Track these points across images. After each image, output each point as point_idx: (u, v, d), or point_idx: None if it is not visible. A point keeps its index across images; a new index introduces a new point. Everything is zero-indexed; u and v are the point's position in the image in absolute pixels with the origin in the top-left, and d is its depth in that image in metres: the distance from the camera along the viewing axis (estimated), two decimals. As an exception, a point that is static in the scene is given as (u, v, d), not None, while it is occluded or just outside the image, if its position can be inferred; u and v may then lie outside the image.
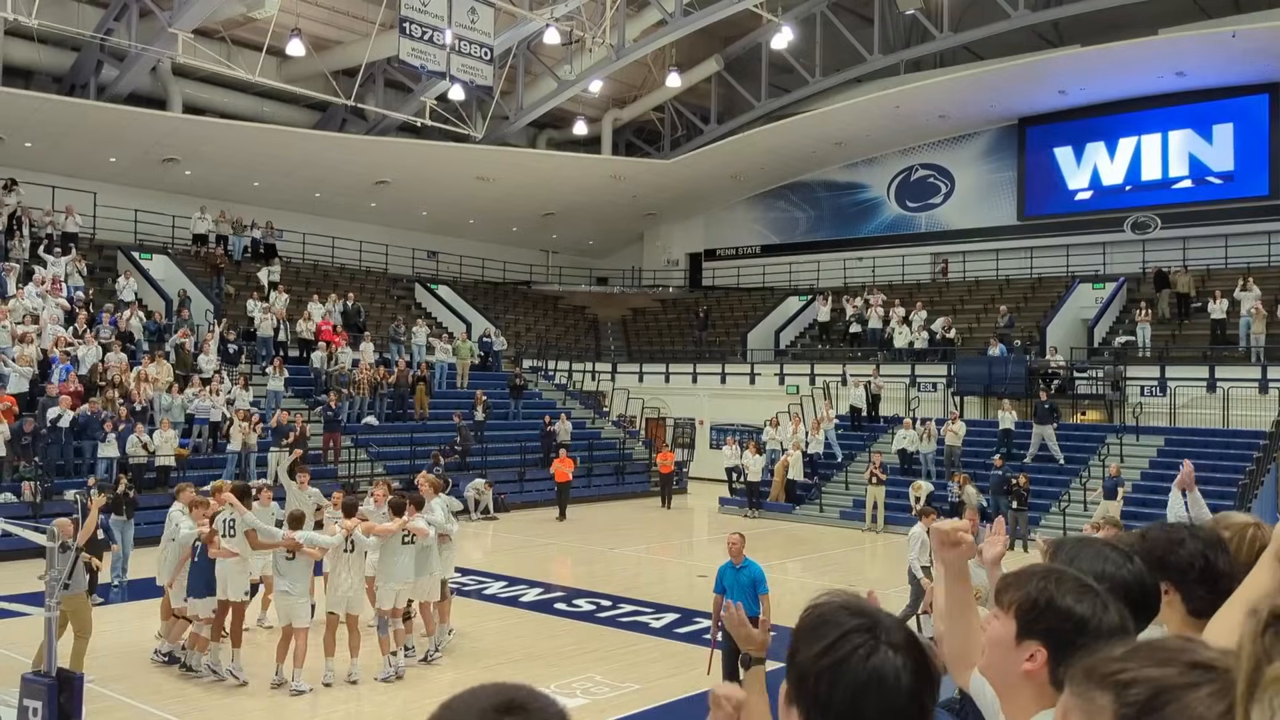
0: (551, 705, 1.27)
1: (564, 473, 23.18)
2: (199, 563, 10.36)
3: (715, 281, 39.20)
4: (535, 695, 1.27)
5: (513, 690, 1.27)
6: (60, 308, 22.42)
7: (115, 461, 18.50)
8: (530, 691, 1.28)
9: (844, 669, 1.48)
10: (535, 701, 1.26)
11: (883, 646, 1.49)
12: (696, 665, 11.27)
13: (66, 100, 25.14)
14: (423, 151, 30.36)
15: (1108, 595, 1.83)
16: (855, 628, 1.51)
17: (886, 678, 1.47)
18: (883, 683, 1.47)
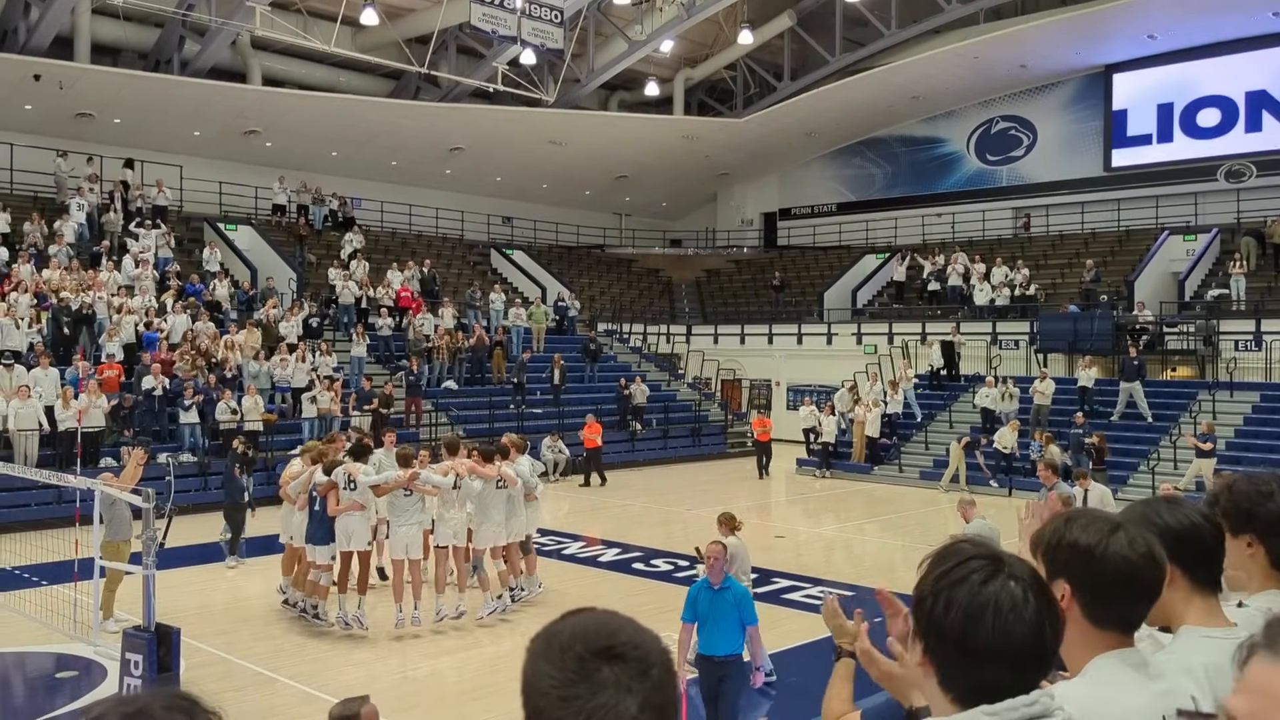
0: (653, 653, 1.23)
1: (592, 439, 23.04)
2: (318, 511, 10.71)
3: (790, 241, 38.78)
4: (638, 641, 1.23)
5: (615, 633, 1.23)
6: (152, 279, 23.17)
7: (198, 428, 19.14)
8: (634, 635, 1.23)
9: (958, 591, 1.50)
10: (637, 649, 1.22)
11: (1003, 576, 1.50)
12: (773, 625, 11.30)
13: (152, 76, 25.80)
14: (495, 117, 30.50)
15: (1127, 526, 1.84)
16: (977, 556, 1.54)
17: (1002, 605, 1.48)
18: (998, 609, 1.48)
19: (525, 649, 1.26)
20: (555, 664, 1.20)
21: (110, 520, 10.02)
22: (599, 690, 1.17)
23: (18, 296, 20.10)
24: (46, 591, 9.89)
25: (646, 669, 1.20)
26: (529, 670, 1.22)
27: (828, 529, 18.75)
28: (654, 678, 1.20)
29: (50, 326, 20.12)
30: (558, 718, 1.17)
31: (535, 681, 1.21)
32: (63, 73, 23.98)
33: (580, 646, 1.21)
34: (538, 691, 1.20)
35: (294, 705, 8.82)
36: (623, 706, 1.17)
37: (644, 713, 1.17)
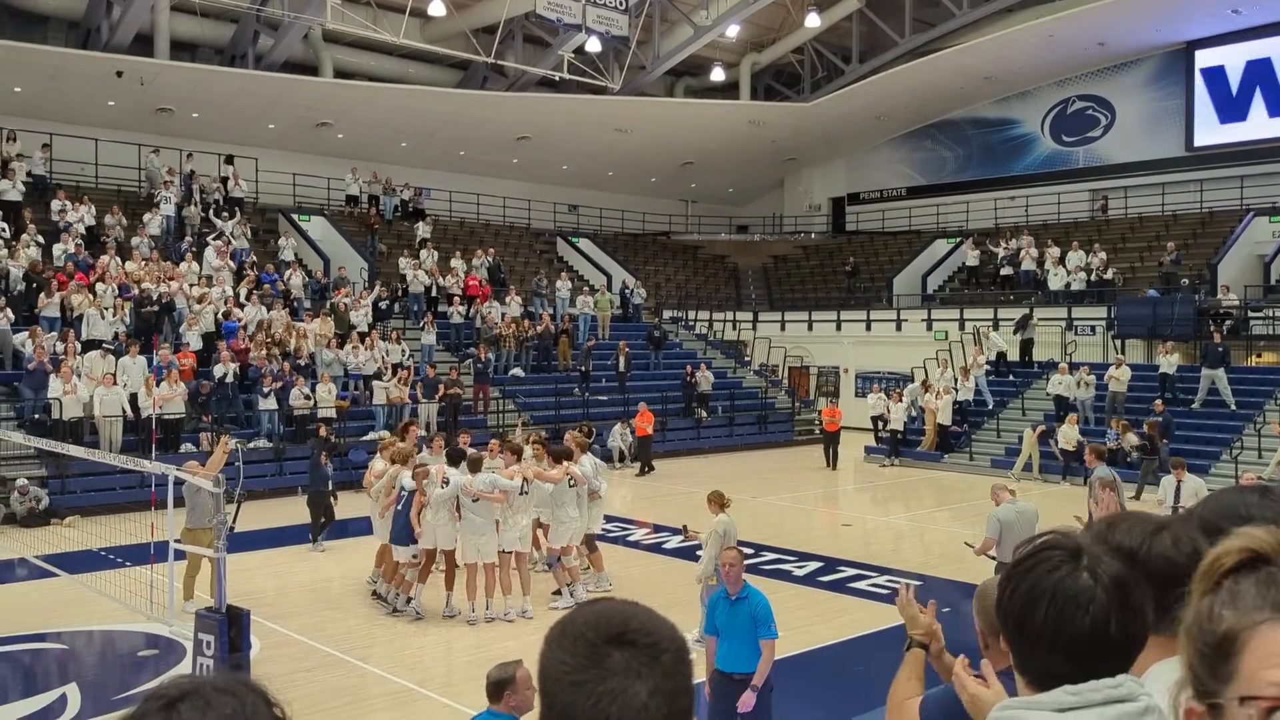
0: (664, 640, 1.22)
1: (643, 427, 22.93)
2: (403, 511, 10.89)
3: (859, 226, 38.30)
4: (650, 627, 1.23)
5: (628, 620, 1.23)
6: (229, 269, 23.75)
7: (275, 414, 19.60)
8: (646, 622, 1.23)
9: (1027, 578, 1.51)
10: (648, 635, 1.22)
11: (1081, 570, 1.49)
12: (839, 613, 11.22)
13: (227, 71, 26.42)
14: (561, 105, 30.61)
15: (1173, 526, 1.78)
16: (1055, 546, 1.53)
17: (1068, 595, 1.47)
18: (1062, 598, 1.47)
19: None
20: (567, 650, 1.21)
21: (193, 507, 10.34)
22: (608, 675, 1.18)
23: (103, 287, 20.77)
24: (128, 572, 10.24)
25: (657, 655, 1.20)
26: (543, 657, 1.24)
27: (896, 517, 18.52)
28: (665, 664, 1.20)
29: (132, 316, 20.75)
30: (568, 703, 1.18)
31: (548, 668, 1.22)
32: (143, 69, 24.67)
33: (592, 633, 1.21)
34: (550, 677, 1.21)
35: (363, 687, 9.00)
36: (632, 691, 1.17)
37: (654, 698, 1.17)
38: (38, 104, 24.93)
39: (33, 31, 25.09)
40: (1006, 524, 9.49)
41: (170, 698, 1.15)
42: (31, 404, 17.78)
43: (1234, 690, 1.08)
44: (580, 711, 1.17)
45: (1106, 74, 31.51)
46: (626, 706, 1.16)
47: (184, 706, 1.14)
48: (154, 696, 1.16)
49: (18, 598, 12.01)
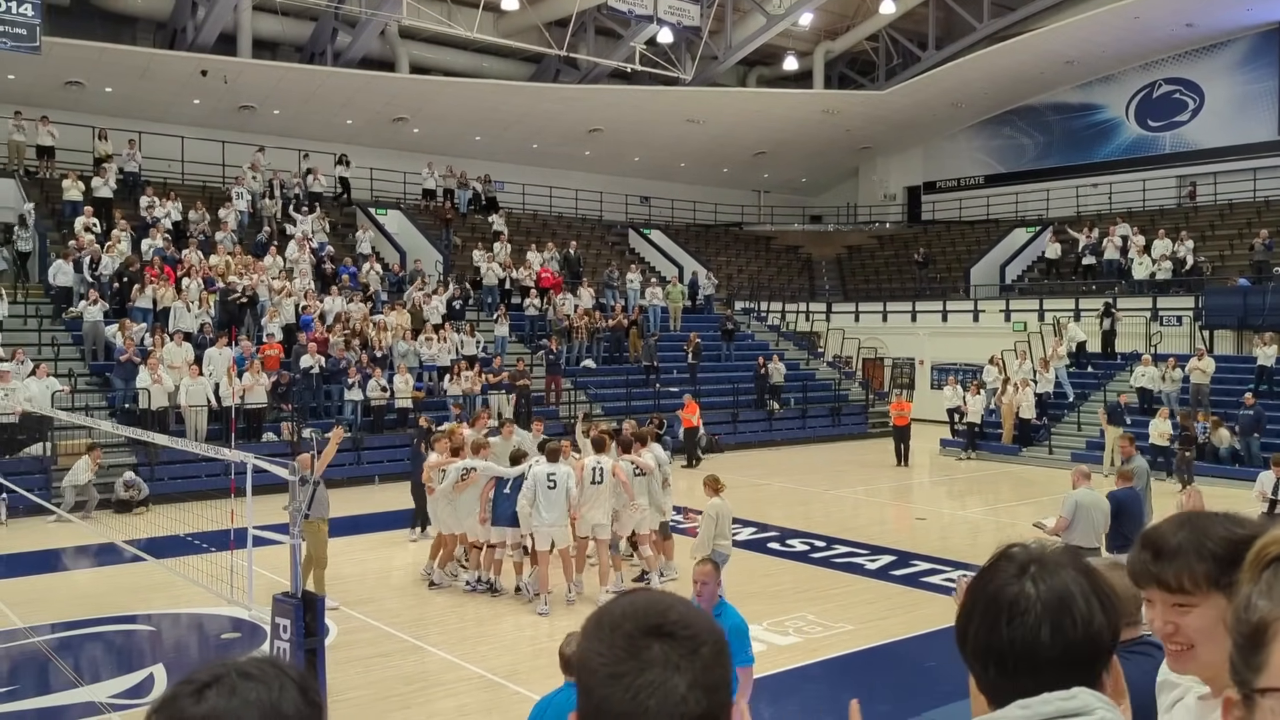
0: (703, 632, 1.21)
1: (688, 419, 22.61)
2: (508, 495, 11.11)
3: (935, 215, 37.65)
4: (688, 620, 1.21)
5: (665, 611, 1.21)
6: (309, 262, 24.29)
7: (359, 404, 20.01)
8: (684, 614, 1.22)
9: (977, 587, 1.47)
10: (687, 628, 1.20)
11: (1024, 580, 1.42)
12: (912, 607, 11.07)
13: (307, 68, 26.99)
14: (633, 97, 30.63)
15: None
16: (1009, 557, 1.47)
17: (1000, 605, 1.42)
18: (995, 608, 1.42)
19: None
20: (605, 641, 1.20)
21: (315, 501, 10.61)
22: (646, 668, 1.16)
23: (188, 281, 21.40)
24: (211, 558, 10.55)
25: (696, 648, 1.18)
26: (581, 648, 1.22)
27: (973, 511, 18.19)
28: (704, 656, 1.18)
29: (217, 309, 21.35)
30: (605, 695, 1.17)
31: (585, 659, 1.21)
32: (226, 67, 25.33)
33: (630, 624, 1.20)
34: (587, 669, 1.20)
35: (438, 673, 9.14)
36: (670, 685, 1.15)
37: (692, 691, 1.16)
38: (127, 103, 25.78)
39: (122, 33, 25.95)
40: (1083, 507, 9.37)
41: (200, 683, 1.18)
42: (122, 394, 18.41)
43: (1263, 681, 1.06)
44: (618, 703, 1.15)
45: (1194, 56, 30.44)
46: (665, 699, 1.15)
47: (211, 692, 1.16)
48: (185, 681, 1.19)
49: (110, 580, 12.47)
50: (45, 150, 24.35)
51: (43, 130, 24.16)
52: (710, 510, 9.98)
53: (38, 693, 8.62)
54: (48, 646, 9.82)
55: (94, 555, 13.30)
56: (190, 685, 1.18)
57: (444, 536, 11.85)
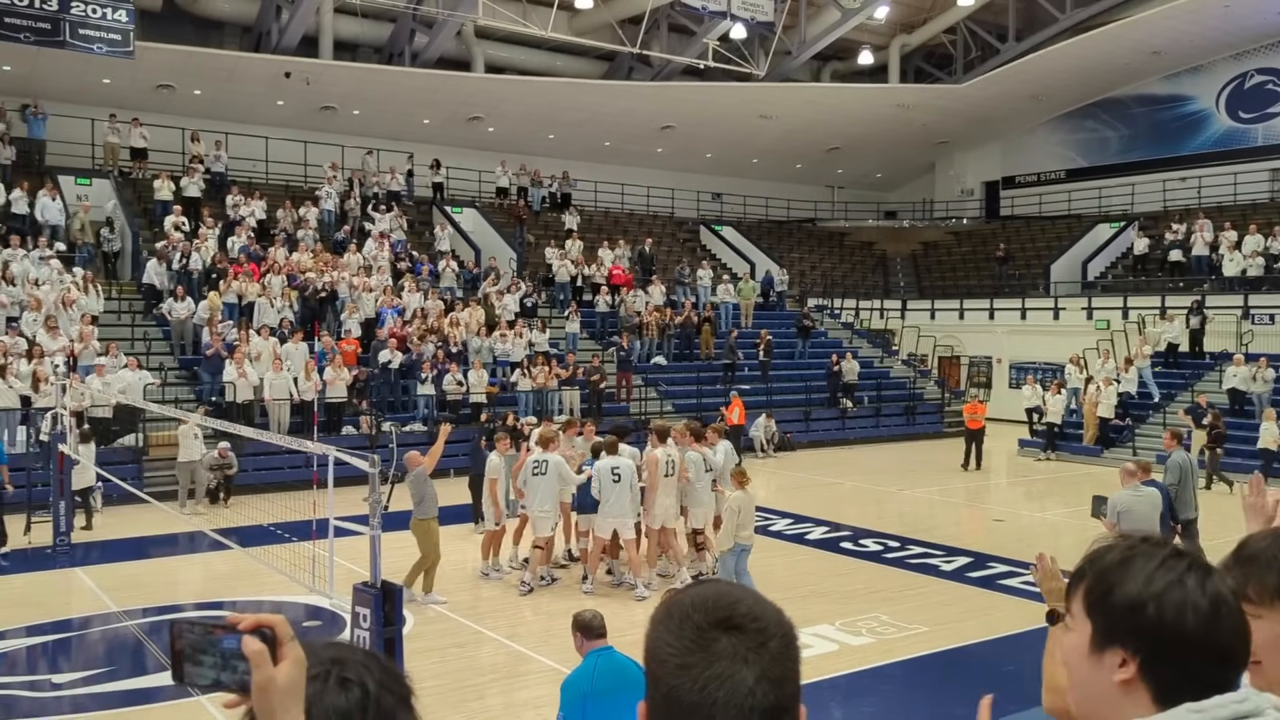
0: (771, 625, 1.21)
1: (731, 417, 22.19)
2: (587, 485, 11.38)
3: (1015, 210, 36.88)
4: (757, 612, 1.22)
5: (734, 604, 1.22)
6: (387, 260, 24.76)
7: (432, 399, 20.34)
8: (753, 607, 1.22)
9: (1171, 595, 1.34)
10: (756, 621, 1.20)
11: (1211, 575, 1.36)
12: (989, 610, 10.89)
13: (386, 69, 27.50)
14: (706, 93, 30.57)
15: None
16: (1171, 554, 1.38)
17: (1214, 598, 1.34)
18: (1209, 601, 1.33)
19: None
20: (674, 632, 1.20)
21: (423, 498, 10.87)
22: (715, 660, 1.17)
23: (271, 277, 21.98)
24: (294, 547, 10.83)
25: (765, 640, 1.19)
26: (649, 638, 1.23)
27: (1054, 513, 17.80)
28: (772, 649, 1.19)
29: (299, 305, 21.88)
30: (674, 685, 1.18)
31: (654, 649, 1.22)
32: (309, 69, 25.93)
33: (699, 616, 1.21)
34: (656, 659, 1.21)
35: (508, 664, 9.28)
36: (739, 677, 1.16)
37: (760, 684, 1.16)
38: (214, 105, 26.55)
39: (210, 37, 26.72)
40: (1125, 507, 9.38)
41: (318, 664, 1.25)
42: (209, 387, 18.97)
43: None
44: (686, 694, 1.16)
45: (1291, 44, 29.34)
46: (733, 692, 1.15)
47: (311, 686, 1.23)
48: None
49: (199, 568, 12.90)
50: (138, 152, 25.20)
51: (135, 132, 25.01)
52: (733, 503, 10.17)
53: (132, 674, 8.95)
54: (140, 630, 10.19)
55: (183, 543, 13.75)
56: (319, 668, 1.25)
57: (492, 532, 12.19)
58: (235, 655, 1.17)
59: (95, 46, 21.48)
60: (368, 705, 1.25)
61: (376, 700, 1.25)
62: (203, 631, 1.19)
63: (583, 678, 5.12)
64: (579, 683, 5.10)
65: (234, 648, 1.18)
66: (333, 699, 1.24)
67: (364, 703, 1.25)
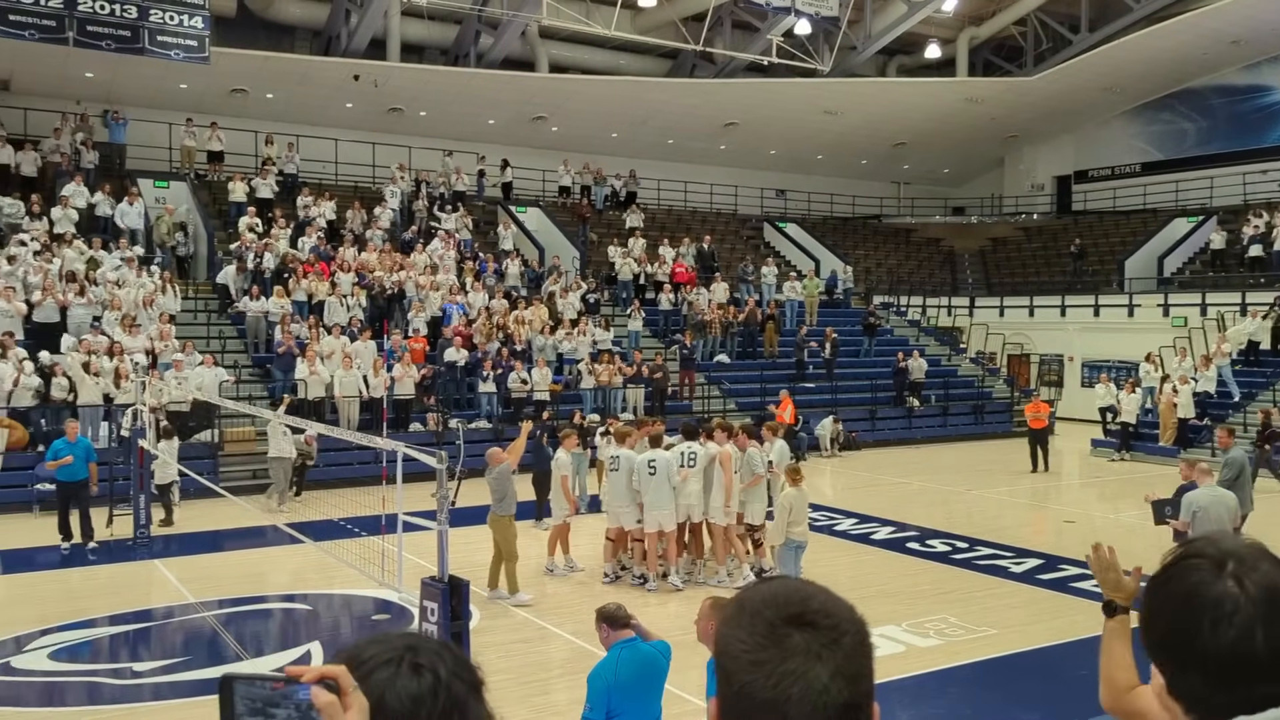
0: (844, 621, 1.21)
1: (782, 415, 21.86)
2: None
3: (1087, 205, 36.05)
4: (829, 609, 1.21)
5: (806, 600, 1.22)
6: (454, 259, 25.07)
7: (495, 397, 20.55)
8: (825, 603, 1.22)
9: (1167, 588, 1.37)
10: (828, 617, 1.20)
11: (1225, 578, 1.33)
12: (1060, 613, 10.68)
13: (452, 70, 27.84)
14: (770, 90, 30.41)
15: None
16: (1201, 554, 1.37)
17: (1203, 604, 1.31)
18: (1197, 608, 1.31)
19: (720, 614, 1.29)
20: (745, 629, 1.20)
21: (505, 495, 11.03)
22: (789, 656, 1.17)
23: (341, 276, 22.40)
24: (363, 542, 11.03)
25: (838, 637, 1.19)
26: (721, 634, 1.24)
27: (1128, 515, 17.36)
28: (846, 646, 1.19)
29: (367, 303, 22.27)
30: (746, 682, 1.18)
31: (726, 645, 1.22)
32: (377, 71, 26.37)
33: (770, 612, 1.21)
34: (728, 655, 1.21)
35: (572, 660, 9.33)
36: (813, 674, 1.16)
37: (835, 680, 1.16)
38: (286, 108, 27.13)
39: (282, 41, 27.32)
40: (1201, 507, 9.20)
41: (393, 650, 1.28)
42: (281, 384, 19.41)
43: None
44: (760, 690, 1.16)
45: (1381, 30, 28.24)
46: (808, 688, 1.15)
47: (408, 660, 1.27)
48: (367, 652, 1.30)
49: (272, 561, 13.21)
50: (214, 155, 25.87)
51: (211, 136, 25.67)
52: (784, 500, 10.31)
53: (208, 664, 9.21)
54: (216, 621, 10.47)
55: (257, 536, 14.09)
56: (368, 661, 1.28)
57: (560, 528, 12.34)
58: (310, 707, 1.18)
59: (173, 53, 22.09)
60: (439, 691, 1.27)
61: (448, 687, 1.27)
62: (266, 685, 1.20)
63: (608, 669, 5.17)
64: (604, 674, 5.15)
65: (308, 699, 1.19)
66: (405, 684, 1.26)
67: (435, 688, 1.27)
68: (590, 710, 5.08)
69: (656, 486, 11.17)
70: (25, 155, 22.88)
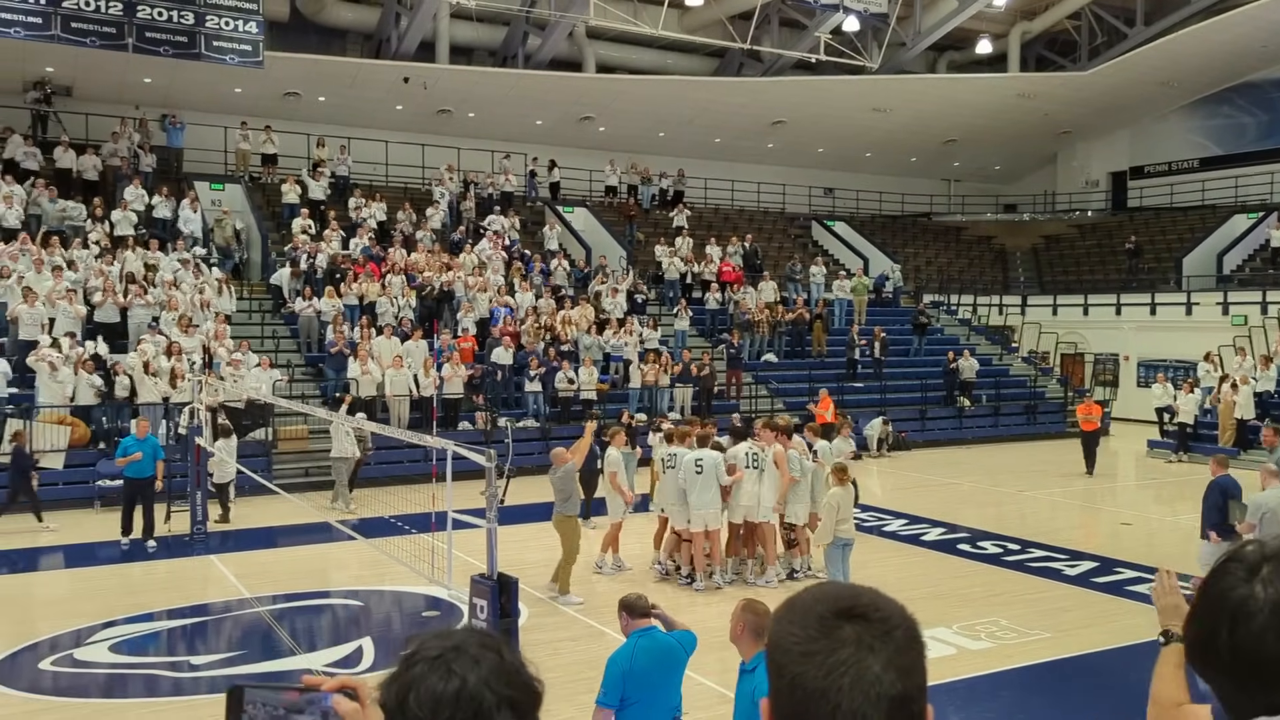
0: (895, 616, 1.21)
1: (821, 414, 21.25)
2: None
3: (1143, 202, 35.37)
4: (879, 604, 1.22)
5: (856, 596, 1.23)
6: (501, 260, 25.24)
7: (541, 396, 20.65)
8: (875, 599, 1.23)
9: (1204, 590, 1.37)
10: (878, 611, 1.21)
11: (1254, 582, 1.32)
12: (1115, 617, 10.51)
13: (500, 71, 28.04)
14: (817, 88, 30.22)
15: None
16: (1241, 557, 1.37)
17: (1227, 607, 1.31)
18: (1221, 611, 1.31)
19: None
20: (797, 623, 1.21)
21: (570, 495, 11.12)
22: (840, 646, 1.17)
23: (391, 277, 22.65)
24: (414, 539, 11.16)
25: (889, 630, 1.19)
26: (773, 631, 1.25)
27: (1186, 517, 17.00)
28: (897, 639, 1.19)
29: (417, 303, 22.49)
30: (798, 672, 1.18)
31: (778, 639, 1.23)
32: (426, 74, 26.63)
33: (821, 607, 1.21)
34: (780, 649, 1.22)
35: (622, 658, 9.35)
36: (865, 664, 1.16)
37: (887, 671, 1.16)
38: (338, 111, 27.50)
39: (333, 45, 27.69)
40: (1269, 509, 9.07)
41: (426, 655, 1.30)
42: (333, 383, 19.68)
43: None
44: (811, 681, 1.17)
45: None
46: (859, 678, 1.15)
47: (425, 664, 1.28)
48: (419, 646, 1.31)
49: (324, 558, 13.40)
50: (268, 158, 26.29)
51: (265, 139, 26.09)
52: (831, 500, 10.34)
53: (262, 658, 9.37)
54: (270, 615, 10.65)
55: (310, 533, 14.30)
56: (418, 652, 1.30)
57: (614, 526, 12.41)
58: (332, 713, 1.20)
59: (228, 58, 22.50)
60: (461, 697, 1.27)
61: (474, 695, 1.27)
62: (280, 693, 1.21)
63: (624, 656, 5.26)
64: (620, 661, 5.23)
65: (330, 706, 1.21)
66: (431, 684, 1.27)
67: (458, 694, 1.27)
68: (604, 696, 5.15)
69: (703, 486, 11.16)
70: (87, 160, 23.43)
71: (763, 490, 11.51)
